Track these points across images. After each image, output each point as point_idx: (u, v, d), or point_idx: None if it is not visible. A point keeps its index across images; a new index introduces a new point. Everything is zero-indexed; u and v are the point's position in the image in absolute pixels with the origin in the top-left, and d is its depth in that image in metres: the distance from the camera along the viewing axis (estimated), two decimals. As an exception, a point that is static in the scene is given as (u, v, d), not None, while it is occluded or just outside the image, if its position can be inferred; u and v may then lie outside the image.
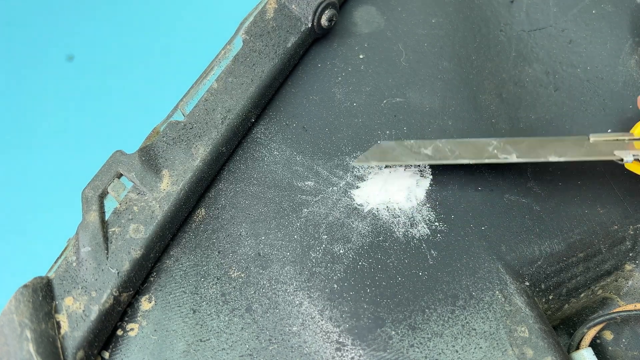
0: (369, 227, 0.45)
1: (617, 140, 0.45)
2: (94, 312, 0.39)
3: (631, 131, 0.46)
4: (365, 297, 0.42)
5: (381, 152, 0.46)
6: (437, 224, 0.45)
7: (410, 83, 0.52)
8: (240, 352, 0.41)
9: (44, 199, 1.16)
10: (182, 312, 0.42)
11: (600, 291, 0.48)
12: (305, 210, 0.46)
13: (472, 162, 0.45)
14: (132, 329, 0.41)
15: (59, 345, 0.38)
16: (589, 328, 0.45)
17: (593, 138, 0.45)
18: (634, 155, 0.44)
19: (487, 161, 0.45)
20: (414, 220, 0.45)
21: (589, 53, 0.54)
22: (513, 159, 0.45)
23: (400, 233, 0.45)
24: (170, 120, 0.46)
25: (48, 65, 1.30)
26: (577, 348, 0.45)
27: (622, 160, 0.44)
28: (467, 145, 0.46)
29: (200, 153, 0.45)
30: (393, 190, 0.46)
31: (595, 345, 0.46)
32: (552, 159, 0.44)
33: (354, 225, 0.45)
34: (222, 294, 0.42)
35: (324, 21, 0.50)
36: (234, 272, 0.43)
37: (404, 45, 0.54)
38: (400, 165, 0.48)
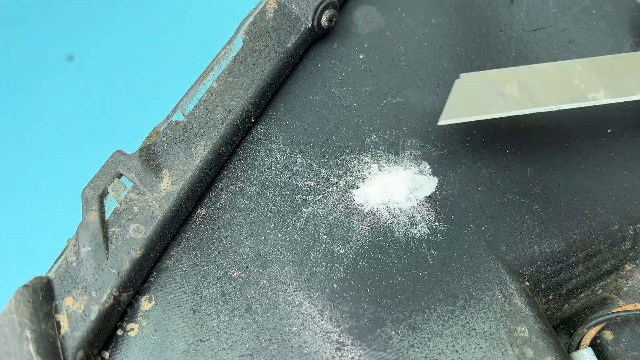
0: (369, 227, 0.45)
1: None
2: (94, 312, 0.39)
3: None
4: (365, 297, 0.42)
5: (465, 97, 0.42)
6: (437, 224, 0.45)
7: (410, 83, 0.52)
8: (241, 352, 0.41)
9: (44, 199, 1.16)
10: (182, 312, 0.42)
11: (600, 291, 0.48)
12: (305, 210, 0.46)
13: (560, 107, 0.42)
14: (132, 329, 0.41)
15: (59, 345, 0.38)
16: (589, 328, 0.45)
17: None
18: None
19: (574, 105, 0.42)
20: (414, 220, 0.45)
21: (589, 53, 0.54)
22: (601, 98, 0.42)
23: (400, 233, 0.45)
24: (170, 120, 0.46)
25: (48, 65, 1.30)
26: (577, 348, 0.45)
27: None
28: (552, 77, 0.43)
29: (200, 153, 0.45)
30: (393, 190, 0.46)
31: (595, 345, 0.46)
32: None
33: (354, 225, 0.45)
34: (222, 294, 0.42)
35: (324, 21, 0.50)
36: (234, 272, 0.43)
37: (404, 45, 0.54)
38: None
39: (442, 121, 0.43)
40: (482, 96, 0.43)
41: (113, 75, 1.28)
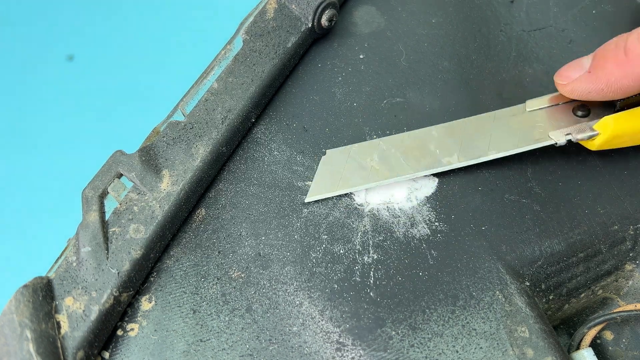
0: (369, 227, 0.45)
1: (553, 106, 0.46)
2: (94, 312, 0.39)
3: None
4: (366, 297, 0.42)
5: (330, 172, 0.46)
6: (437, 224, 0.45)
7: (410, 83, 0.52)
8: (241, 352, 0.41)
9: (44, 199, 1.16)
10: (183, 312, 0.42)
11: (601, 291, 0.48)
12: (306, 210, 0.46)
13: (416, 175, 0.45)
14: (132, 329, 0.41)
15: (59, 345, 0.37)
16: (589, 328, 0.45)
17: (529, 103, 0.47)
18: (566, 136, 0.44)
19: (429, 172, 0.45)
20: (414, 220, 0.45)
21: (589, 53, 0.54)
22: (454, 162, 0.45)
23: (401, 233, 0.45)
24: (170, 120, 0.46)
25: (48, 65, 1.30)
26: (578, 348, 0.45)
27: (556, 144, 0.45)
28: (409, 145, 0.46)
29: (200, 153, 0.45)
30: (393, 191, 0.46)
31: (595, 345, 0.46)
32: (491, 156, 0.45)
33: (354, 225, 0.45)
34: (222, 294, 0.42)
35: (324, 21, 0.50)
36: (234, 272, 0.43)
37: (404, 45, 0.54)
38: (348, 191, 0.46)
39: (308, 198, 0.45)
40: (345, 170, 0.46)
41: (113, 75, 1.28)
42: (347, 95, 0.51)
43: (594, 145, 0.45)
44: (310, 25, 0.50)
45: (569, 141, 0.45)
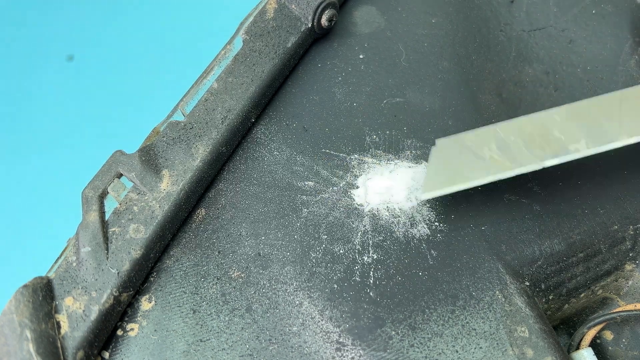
0: (369, 227, 0.45)
1: None
2: (94, 312, 0.39)
3: None
4: (366, 297, 0.42)
5: (444, 165, 0.42)
6: (437, 224, 0.45)
7: (410, 83, 0.52)
8: (241, 352, 0.41)
9: (44, 199, 1.16)
10: (182, 312, 0.42)
11: (601, 291, 0.48)
12: (305, 210, 0.46)
13: (544, 165, 0.41)
14: (132, 329, 0.41)
15: (59, 345, 0.37)
16: (589, 328, 0.45)
17: None
18: None
19: (557, 161, 0.41)
20: (414, 220, 0.45)
21: (589, 53, 0.55)
22: (583, 149, 0.41)
23: (401, 233, 0.45)
24: (170, 120, 0.46)
25: (48, 65, 1.30)
26: (577, 348, 0.45)
27: None
28: (530, 132, 0.42)
29: (200, 153, 0.45)
30: (393, 190, 0.46)
31: (595, 345, 0.46)
32: (624, 140, 0.41)
33: (354, 225, 0.45)
34: (222, 294, 0.42)
35: (324, 21, 0.50)
36: (234, 272, 0.43)
37: (404, 45, 0.54)
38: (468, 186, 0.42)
39: (425, 195, 0.42)
40: (462, 162, 0.42)
41: (113, 75, 1.28)
42: (347, 95, 0.51)
43: None
44: (310, 25, 0.50)
45: None
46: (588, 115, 0.42)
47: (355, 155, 0.48)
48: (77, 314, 0.39)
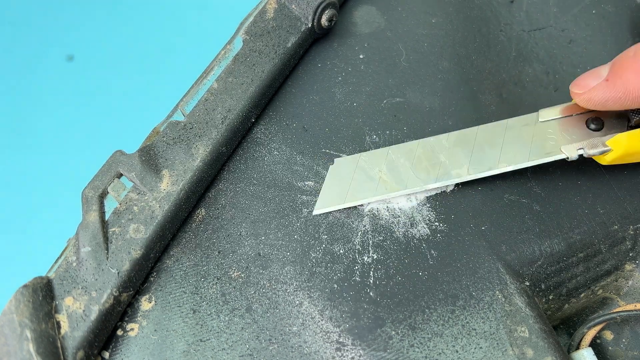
0: (369, 227, 0.45)
1: (566, 117, 0.45)
2: (94, 312, 0.39)
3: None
4: (366, 297, 0.42)
5: (338, 183, 0.45)
6: (437, 224, 0.45)
7: (410, 83, 0.52)
8: (241, 352, 0.41)
9: (44, 199, 1.16)
10: (182, 312, 0.42)
11: (601, 291, 0.48)
12: (305, 210, 0.46)
13: (426, 187, 0.45)
14: (132, 329, 0.41)
15: (59, 345, 0.38)
16: (589, 328, 0.45)
17: (542, 113, 0.46)
18: (578, 151, 0.44)
19: (438, 184, 0.45)
20: (414, 220, 0.45)
21: (589, 53, 0.55)
22: (464, 175, 0.45)
23: (400, 233, 0.45)
24: (170, 120, 0.46)
25: (48, 65, 1.30)
26: (577, 348, 0.45)
27: (568, 158, 0.44)
28: (418, 155, 0.46)
29: (200, 153, 0.45)
30: (393, 190, 0.46)
31: (595, 345, 0.46)
32: (502, 168, 0.44)
33: (354, 225, 0.45)
34: (222, 294, 0.42)
35: (324, 21, 0.50)
36: (234, 272, 0.43)
37: (404, 45, 0.54)
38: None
39: (317, 211, 0.45)
40: (354, 181, 0.45)
41: (113, 75, 1.28)
42: (347, 95, 0.51)
43: (605, 161, 0.44)
44: (310, 25, 0.50)
45: (580, 156, 0.44)
46: (474, 142, 0.46)
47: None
48: (77, 313, 0.39)
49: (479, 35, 0.55)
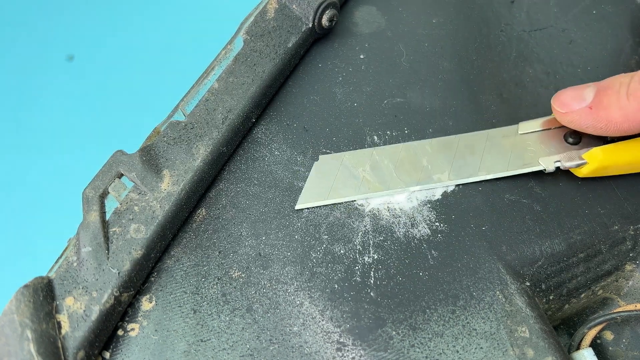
0: (369, 227, 0.45)
1: (545, 130, 0.47)
2: (95, 312, 0.39)
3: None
4: (366, 297, 0.42)
5: (322, 180, 0.46)
6: (437, 224, 0.45)
7: (410, 83, 0.52)
8: (241, 352, 0.41)
9: (44, 199, 1.16)
10: (183, 312, 0.42)
11: (601, 291, 0.48)
12: (306, 210, 0.46)
13: (408, 189, 0.45)
14: (132, 329, 0.41)
15: (60, 345, 0.38)
16: (590, 328, 0.45)
17: (522, 126, 0.47)
18: (555, 163, 0.45)
19: (419, 188, 0.45)
20: (414, 220, 0.45)
21: (590, 53, 0.55)
22: (445, 179, 0.46)
23: (401, 233, 0.45)
24: (170, 120, 0.46)
25: (48, 65, 1.30)
26: (578, 348, 0.45)
27: (545, 170, 0.46)
28: (402, 158, 0.47)
29: (201, 153, 0.45)
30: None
31: (595, 345, 0.46)
32: (481, 176, 0.46)
33: (354, 226, 0.45)
34: (222, 294, 0.42)
35: (324, 21, 0.50)
36: (234, 272, 0.43)
37: (405, 45, 0.54)
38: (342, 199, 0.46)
39: (298, 205, 0.45)
40: (337, 179, 0.46)
41: (113, 75, 1.28)
42: (347, 95, 0.51)
43: (581, 173, 0.46)
44: (310, 25, 0.50)
45: (558, 168, 0.45)
46: (456, 149, 0.47)
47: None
48: (77, 314, 0.39)
49: (480, 35, 0.55)
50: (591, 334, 0.45)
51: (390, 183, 0.46)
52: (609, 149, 0.44)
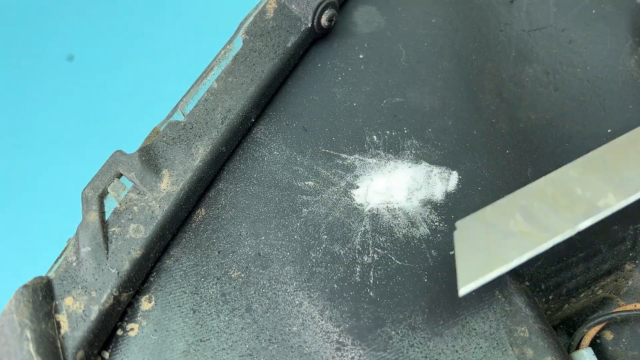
0: (369, 227, 0.45)
1: None
2: (94, 312, 0.39)
3: None
4: (366, 297, 0.42)
5: (473, 251, 0.38)
6: (437, 224, 0.45)
7: (410, 83, 0.52)
8: (241, 352, 0.41)
9: (44, 199, 1.16)
10: (182, 312, 0.42)
11: (600, 291, 0.48)
12: (305, 210, 0.46)
13: (579, 228, 0.37)
14: (132, 329, 0.41)
15: (59, 345, 0.38)
16: (589, 328, 0.45)
17: None
18: None
19: (591, 221, 0.37)
20: (414, 220, 0.45)
21: (589, 53, 0.55)
22: (613, 203, 0.37)
23: (401, 233, 0.45)
24: (170, 120, 0.46)
25: (48, 65, 1.30)
26: (577, 348, 0.45)
27: None
28: (551, 194, 0.39)
29: (200, 153, 0.45)
30: (393, 191, 0.46)
31: (595, 345, 0.46)
32: None
33: (354, 225, 0.45)
34: (222, 294, 0.42)
35: (324, 21, 0.50)
36: (234, 272, 0.43)
37: (404, 45, 0.54)
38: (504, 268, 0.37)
39: (464, 290, 0.37)
40: (491, 243, 0.38)
41: (113, 75, 1.28)
42: (347, 95, 0.51)
43: None
44: (310, 25, 0.50)
45: None
46: (603, 165, 0.40)
47: (356, 155, 0.48)
48: (77, 313, 0.39)
49: (479, 35, 0.55)
50: (591, 334, 0.45)
51: (555, 227, 0.38)
52: None
